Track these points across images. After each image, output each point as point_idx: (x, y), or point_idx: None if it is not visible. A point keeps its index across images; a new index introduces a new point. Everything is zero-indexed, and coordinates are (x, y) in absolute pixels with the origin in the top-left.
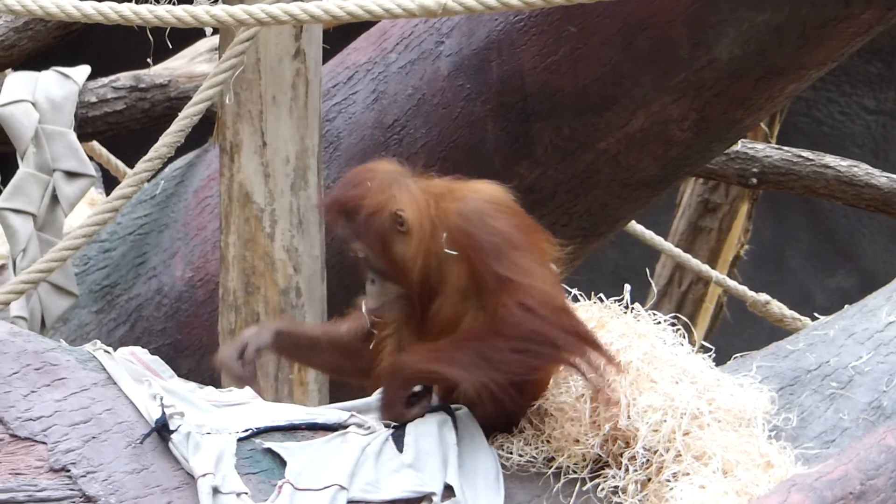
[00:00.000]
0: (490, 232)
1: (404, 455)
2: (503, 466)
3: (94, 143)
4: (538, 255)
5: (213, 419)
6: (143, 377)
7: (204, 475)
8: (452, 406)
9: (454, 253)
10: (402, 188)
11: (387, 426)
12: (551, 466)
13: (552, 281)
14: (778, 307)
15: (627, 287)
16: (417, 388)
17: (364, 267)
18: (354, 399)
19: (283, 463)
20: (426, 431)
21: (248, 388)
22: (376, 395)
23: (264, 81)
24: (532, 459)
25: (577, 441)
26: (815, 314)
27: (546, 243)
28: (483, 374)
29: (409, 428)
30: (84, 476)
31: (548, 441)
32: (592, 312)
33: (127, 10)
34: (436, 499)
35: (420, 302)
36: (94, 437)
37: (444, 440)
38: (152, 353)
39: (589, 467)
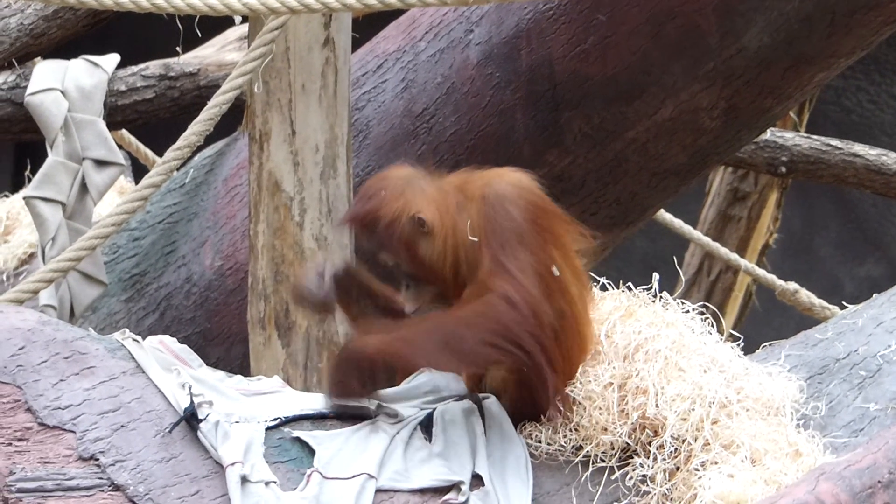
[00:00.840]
0: (505, 217)
1: (433, 444)
2: (531, 455)
3: (124, 131)
4: (544, 258)
5: (242, 408)
6: (171, 366)
7: (233, 464)
8: (480, 395)
9: (475, 239)
10: (415, 190)
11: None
12: (579, 455)
13: (543, 287)
14: (807, 296)
15: (656, 276)
16: None
17: (397, 275)
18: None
19: (311, 452)
20: (454, 421)
21: (276, 377)
22: (404, 385)
23: (293, 70)
24: (560, 448)
25: (606, 430)
26: (844, 303)
27: (571, 234)
28: (445, 361)
29: (437, 417)
30: (113, 465)
31: (576, 430)
32: (621, 301)
33: None
34: (464, 488)
35: (456, 295)
36: (122, 426)
37: (471, 429)
38: (181, 342)
39: (617, 456)
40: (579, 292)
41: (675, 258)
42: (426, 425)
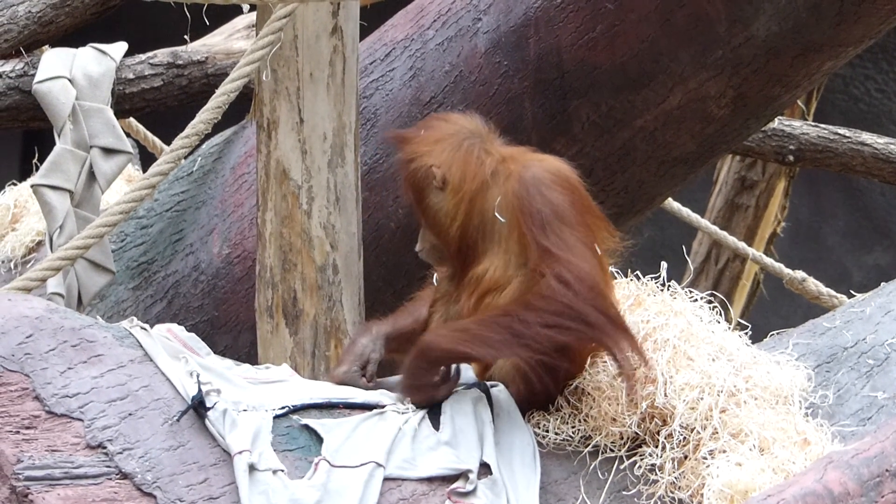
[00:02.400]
0: (543, 201)
1: (441, 433)
2: (539, 444)
3: (132, 119)
4: (587, 233)
5: (250, 396)
6: (179, 354)
7: (240, 452)
8: (488, 383)
9: (503, 220)
10: (448, 145)
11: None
12: (588, 445)
13: (595, 261)
14: (814, 284)
15: (664, 264)
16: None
17: None
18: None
19: (319, 440)
20: (462, 409)
21: (285, 365)
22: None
23: (302, 58)
24: (569, 438)
25: (615, 420)
26: (852, 291)
27: (601, 228)
28: (512, 352)
29: (445, 406)
30: (121, 453)
31: (585, 420)
32: (629, 290)
33: None
34: (472, 476)
35: (459, 258)
36: (130, 414)
37: (479, 418)
38: (189, 330)
39: (626, 446)
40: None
41: (683, 247)
42: (434, 413)
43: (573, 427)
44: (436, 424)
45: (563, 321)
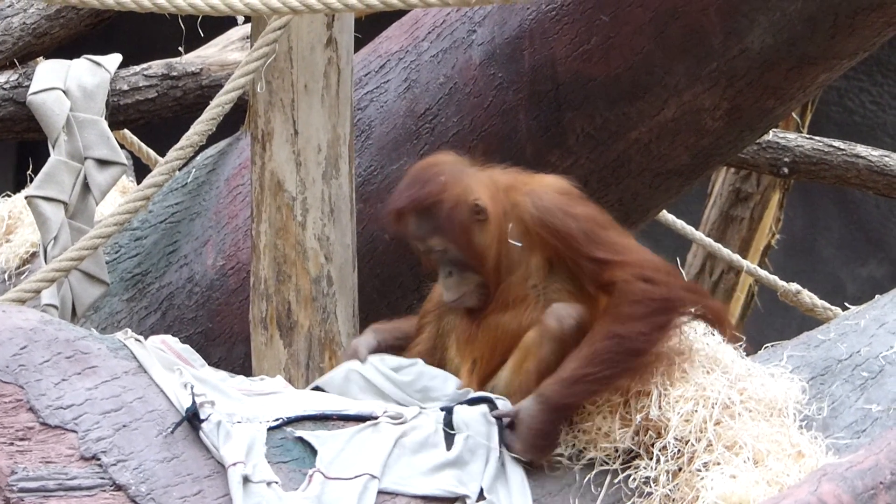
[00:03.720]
0: (575, 220)
1: (451, 451)
2: None
3: (126, 131)
4: (620, 228)
5: (244, 408)
6: (174, 366)
7: (234, 464)
8: (493, 396)
9: (519, 244)
10: (473, 178)
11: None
12: (582, 458)
13: (645, 250)
14: (809, 297)
15: None
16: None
17: (440, 261)
18: None
19: (314, 452)
20: (478, 430)
21: (279, 377)
22: (396, 376)
23: (296, 70)
24: (563, 451)
25: (608, 433)
26: (847, 304)
27: None
28: (631, 372)
29: (461, 423)
30: (115, 464)
31: (579, 433)
32: None
33: None
34: (469, 502)
35: (495, 285)
36: (124, 426)
37: (490, 439)
38: (183, 342)
39: (620, 458)
40: None
41: (677, 259)
42: (448, 425)
43: (569, 440)
44: (449, 442)
45: (669, 315)
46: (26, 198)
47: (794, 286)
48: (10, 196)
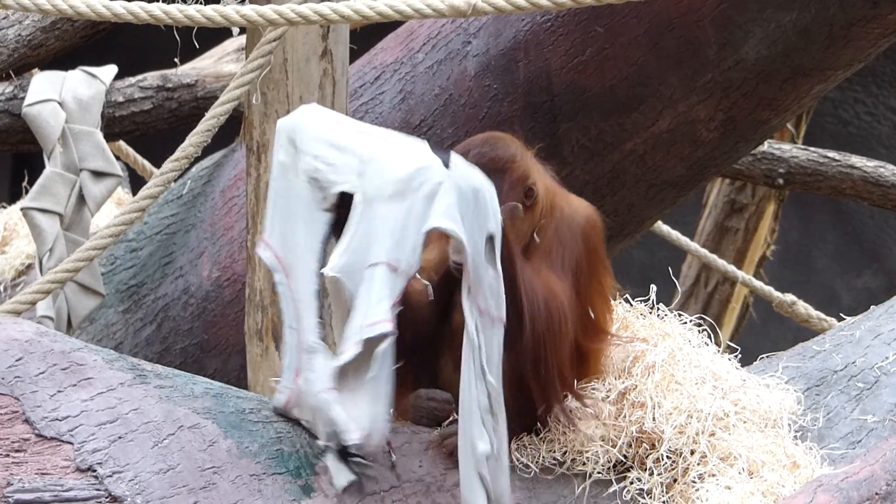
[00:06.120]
0: (573, 242)
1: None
2: (527, 467)
3: (121, 142)
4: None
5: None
6: None
7: None
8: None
9: (537, 240)
10: (534, 164)
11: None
12: (576, 469)
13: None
14: (804, 307)
15: (653, 287)
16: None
17: None
18: None
19: None
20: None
21: None
22: None
23: (291, 81)
24: (557, 461)
25: (603, 444)
26: (842, 315)
27: (607, 282)
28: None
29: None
30: (110, 476)
31: (573, 443)
32: (618, 313)
33: (157, 9)
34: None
35: None
36: (120, 437)
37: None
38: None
39: (615, 470)
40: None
41: (672, 270)
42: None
43: (562, 450)
44: None
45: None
46: (22, 209)
47: (790, 297)
48: (5, 208)
